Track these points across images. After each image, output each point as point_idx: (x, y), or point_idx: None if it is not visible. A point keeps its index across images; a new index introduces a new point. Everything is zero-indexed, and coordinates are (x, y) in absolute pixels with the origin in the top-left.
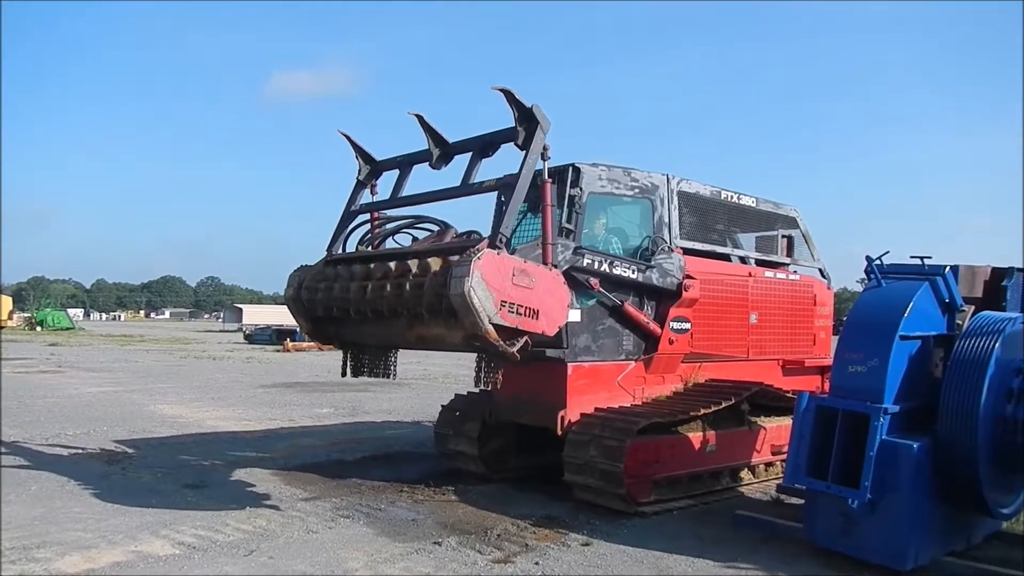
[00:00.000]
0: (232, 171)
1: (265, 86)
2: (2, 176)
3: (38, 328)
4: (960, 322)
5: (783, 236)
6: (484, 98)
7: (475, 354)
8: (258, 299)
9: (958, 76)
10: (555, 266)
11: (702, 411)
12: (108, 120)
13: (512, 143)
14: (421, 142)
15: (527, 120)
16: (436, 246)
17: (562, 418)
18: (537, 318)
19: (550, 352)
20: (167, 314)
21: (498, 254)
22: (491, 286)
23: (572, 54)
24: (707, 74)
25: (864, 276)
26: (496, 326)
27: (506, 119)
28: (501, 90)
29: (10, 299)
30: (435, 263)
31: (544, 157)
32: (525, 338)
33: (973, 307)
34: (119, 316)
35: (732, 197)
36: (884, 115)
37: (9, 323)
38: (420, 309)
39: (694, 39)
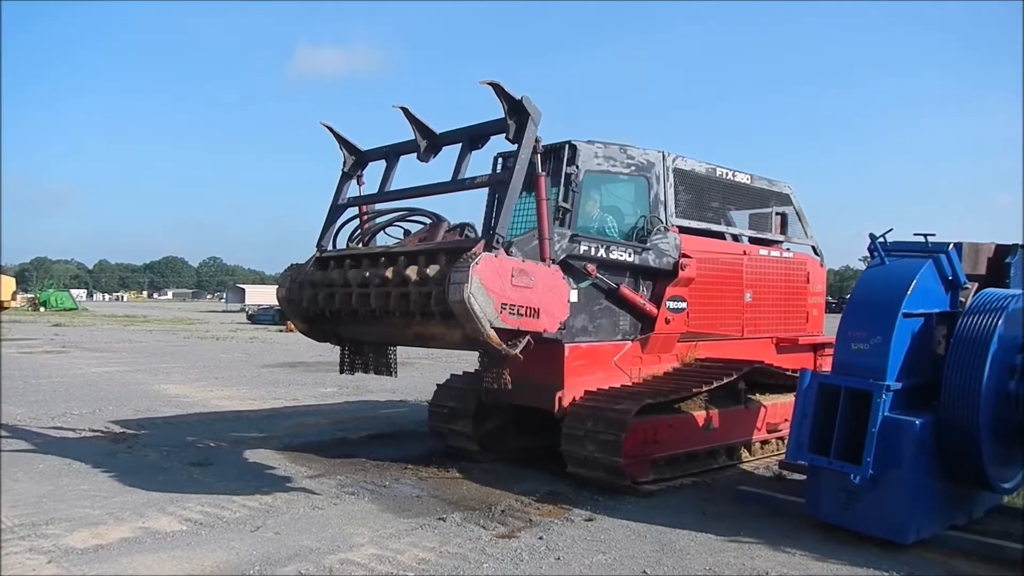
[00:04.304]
0: (242, 152)
1: (289, 64)
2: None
3: (41, 309)
4: (963, 299)
5: (777, 213)
6: (519, 73)
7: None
8: (260, 279)
9: (984, 55)
10: (553, 260)
11: (701, 388)
12: (118, 102)
13: (503, 135)
14: (454, 117)
15: (517, 112)
16: (432, 246)
17: (559, 399)
18: (538, 317)
19: (546, 333)
20: (170, 295)
21: (495, 256)
22: (490, 290)
23: (589, 34)
24: (720, 54)
25: (867, 254)
26: (497, 329)
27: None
28: (489, 83)
29: (13, 280)
30: (432, 266)
31: (536, 149)
32: (527, 338)
33: (976, 284)
34: (122, 297)
35: (727, 174)
36: (904, 93)
37: (12, 304)
38: (418, 311)
39: (706, 17)
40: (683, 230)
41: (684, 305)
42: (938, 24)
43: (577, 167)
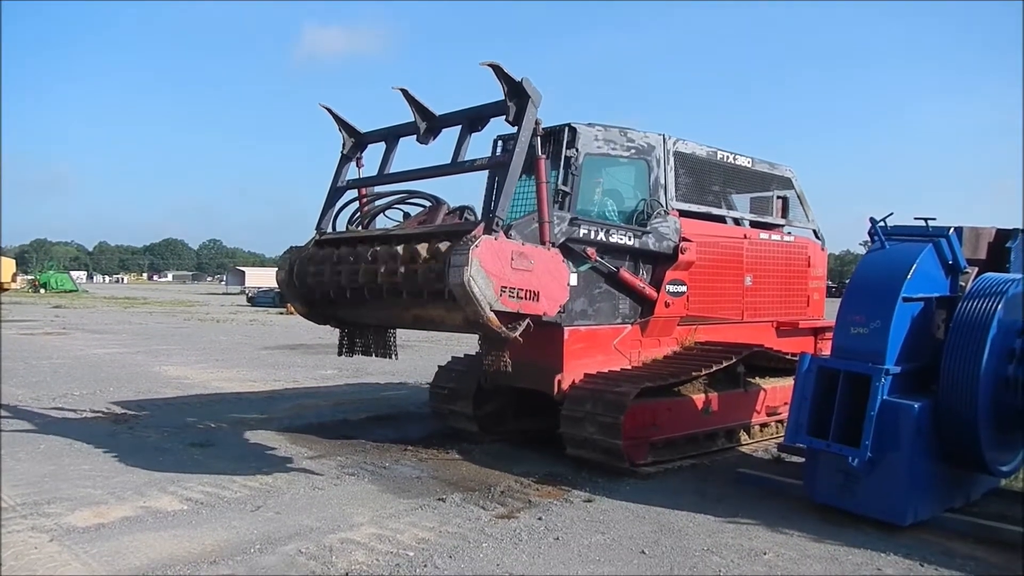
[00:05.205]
0: (244, 135)
1: (293, 47)
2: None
3: (41, 291)
4: (963, 284)
5: (778, 197)
6: (523, 55)
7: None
8: (260, 262)
9: (982, 44)
10: (553, 244)
11: (701, 372)
12: (120, 84)
13: (503, 118)
14: (454, 100)
15: (517, 94)
16: (431, 229)
17: (559, 382)
18: (538, 300)
19: (545, 316)
20: (170, 277)
21: (495, 239)
22: (490, 273)
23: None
24: (728, 38)
25: (868, 238)
26: (497, 312)
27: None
28: (489, 65)
29: (13, 261)
30: (430, 248)
31: (536, 132)
32: (527, 321)
33: (976, 269)
34: (122, 279)
35: (728, 157)
36: (904, 80)
37: (12, 286)
38: (420, 292)
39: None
40: (683, 214)
41: (684, 289)
42: (938, 13)
43: (577, 150)
